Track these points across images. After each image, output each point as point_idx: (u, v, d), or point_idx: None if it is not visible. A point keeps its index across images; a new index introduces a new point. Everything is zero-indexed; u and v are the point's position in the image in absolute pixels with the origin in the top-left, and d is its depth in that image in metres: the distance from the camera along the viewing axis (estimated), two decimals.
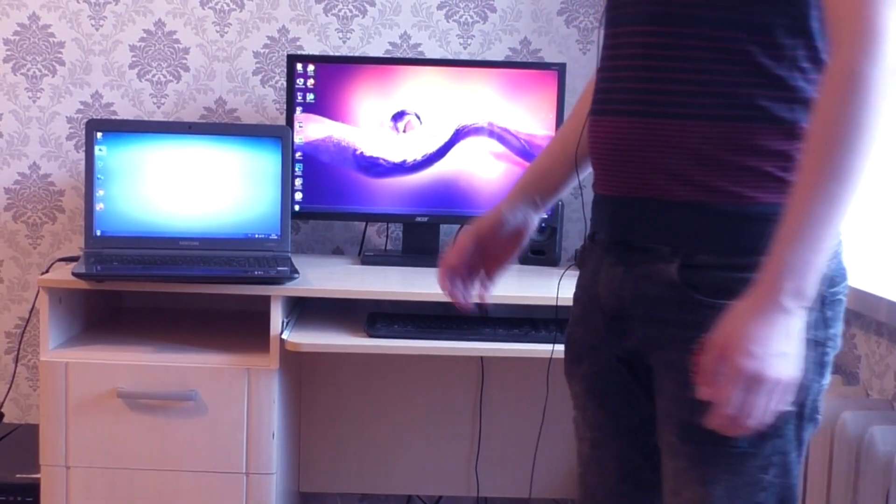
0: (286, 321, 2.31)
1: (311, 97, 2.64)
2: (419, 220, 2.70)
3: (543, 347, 2.23)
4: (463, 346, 2.24)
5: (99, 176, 2.48)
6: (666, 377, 1.42)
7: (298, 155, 2.64)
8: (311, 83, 2.64)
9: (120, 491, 2.27)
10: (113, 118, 2.83)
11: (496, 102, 2.64)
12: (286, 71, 2.66)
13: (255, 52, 2.85)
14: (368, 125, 2.65)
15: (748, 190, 1.35)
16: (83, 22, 2.82)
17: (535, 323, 2.31)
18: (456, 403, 2.84)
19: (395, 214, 2.71)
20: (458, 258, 1.72)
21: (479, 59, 2.85)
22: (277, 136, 2.54)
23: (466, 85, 2.65)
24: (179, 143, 2.51)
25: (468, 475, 2.86)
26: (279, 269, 2.31)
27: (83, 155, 2.66)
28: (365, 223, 2.88)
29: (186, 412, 2.25)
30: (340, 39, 2.85)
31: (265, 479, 2.28)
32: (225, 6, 2.83)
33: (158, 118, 2.85)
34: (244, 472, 2.27)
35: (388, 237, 2.91)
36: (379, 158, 2.66)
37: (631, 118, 1.41)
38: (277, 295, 2.24)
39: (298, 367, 2.72)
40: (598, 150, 1.49)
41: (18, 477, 2.43)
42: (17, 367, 2.87)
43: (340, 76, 2.64)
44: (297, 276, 2.27)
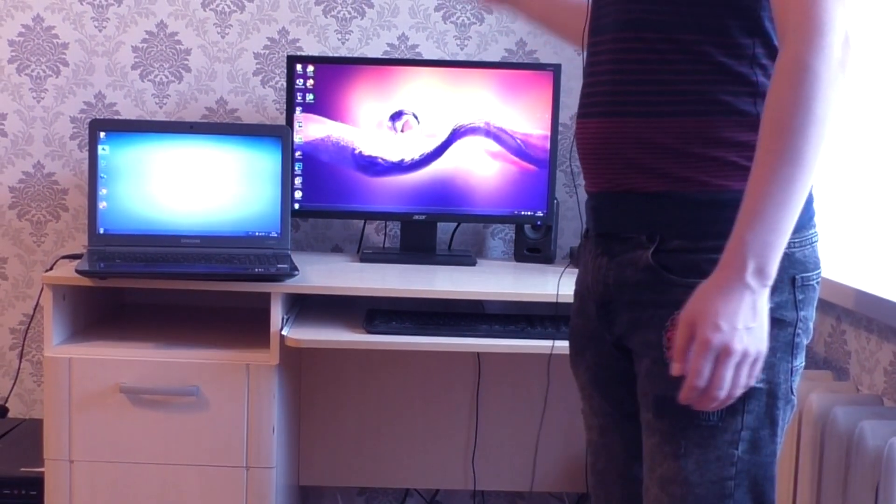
0: (286, 318, 2.31)
1: (310, 97, 2.64)
2: (417, 218, 2.69)
3: (539, 343, 2.23)
4: (460, 342, 2.24)
5: (102, 175, 2.48)
6: (644, 356, 1.48)
7: (298, 154, 2.64)
8: (310, 84, 2.64)
9: (122, 485, 2.26)
10: (116, 118, 2.83)
11: (492, 102, 2.64)
12: (286, 71, 2.66)
13: (255, 53, 2.84)
14: (367, 125, 2.65)
15: (716, 178, 1.42)
16: (86, 23, 2.81)
17: (531, 319, 2.31)
18: (453, 398, 2.84)
19: (393, 213, 2.71)
20: None
21: (475, 60, 2.84)
22: (277, 135, 2.54)
23: (463, 85, 2.64)
24: (181, 142, 2.51)
25: (465, 469, 2.86)
26: (279, 266, 2.30)
27: (87, 154, 2.65)
28: (363, 221, 2.88)
29: (188, 407, 2.25)
30: (339, 41, 2.85)
31: (265, 472, 2.27)
32: (226, 8, 2.83)
33: (160, 118, 2.84)
34: (245, 466, 2.26)
35: (386, 235, 2.91)
36: (377, 158, 2.66)
37: (607, 119, 1.49)
38: (277, 292, 2.23)
39: (298, 362, 2.71)
40: (582, 150, 1.57)
41: (22, 471, 2.42)
42: (21, 362, 2.86)
43: (339, 77, 2.64)
44: (296, 273, 2.26)
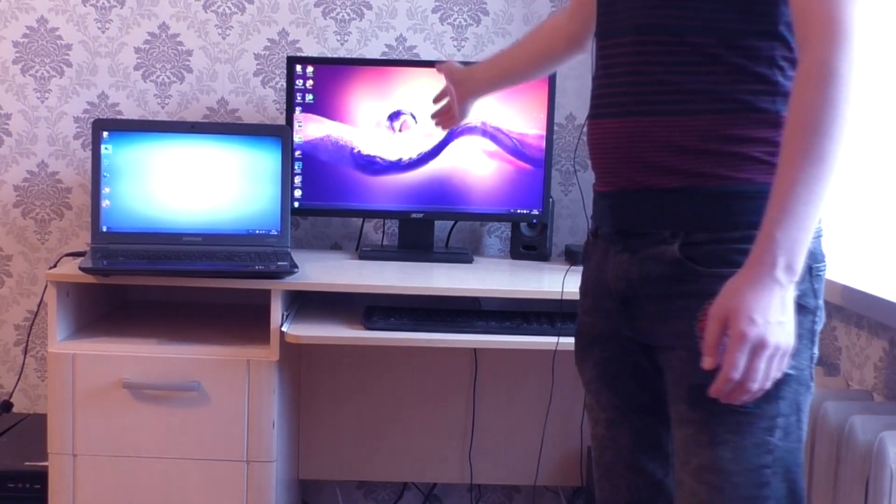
0: (286, 314, 2.30)
1: (310, 98, 2.63)
2: (414, 216, 2.69)
3: (535, 339, 2.23)
4: (457, 338, 2.24)
5: (105, 174, 2.47)
6: (676, 348, 1.47)
7: (298, 153, 2.63)
8: (310, 84, 2.63)
9: (125, 478, 2.26)
10: (119, 118, 2.82)
11: (489, 103, 2.63)
12: (286, 72, 2.65)
13: (255, 54, 2.84)
14: (365, 125, 2.64)
15: (738, 172, 1.43)
16: (90, 25, 2.81)
17: (527, 316, 2.31)
18: (450, 394, 2.83)
19: (391, 211, 2.70)
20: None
21: (472, 60, 2.83)
22: (277, 135, 2.53)
23: None
24: (183, 142, 2.50)
25: (462, 463, 2.85)
26: (279, 263, 2.30)
27: (90, 153, 2.65)
28: (362, 219, 2.87)
29: (189, 402, 2.24)
30: (338, 42, 2.84)
31: (265, 466, 2.27)
32: (227, 10, 2.82)
33: (162, 118, 2.84)
34: (245, 459, 2.26)
35: (384, 233, 2.91)
36: (376, 157, 2.65)
37: (624, 119, 1.50)
38: (277, 289, 2.23)
39: (298, 358, 2.71)
40: (596, 150, 1.58)
41: (27, 465, 2.42)
42: (25, 358, 2.86)
43: (338, 77, 2.63)
44: (296, 270, 2.26)
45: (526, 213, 2.68)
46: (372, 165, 2.66)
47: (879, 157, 2.14)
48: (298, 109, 2.63)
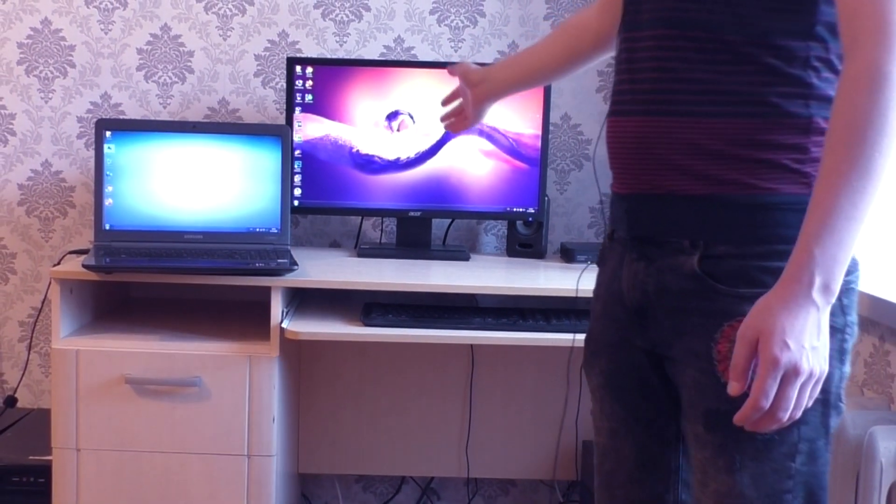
0: (286, 311, 2.30)
1: (309, 98, 2.63)
2: (412, 214, 2.69)
3: (531, 336, 2.23)
4: (454, 334, 2.23)
5: (108, 173, 2.47)
6: (689, 366, 1.38)
7: (297, 153, 2.63)
8: (309, 84, 2.63)
9: (128, 472, 2.26)
10: (121, 118, 2.82)
11: None
12: (286, 73, 2.65)
13: (256, 55, 2.83)
14: (364, 124, 2.64)
15: (765, 181, 1.33)
16: (93, 26, 2.80)
17: (522, 312, 2.31)
18: (447, 389, 2.83)
19: (389, 209, 2.70)
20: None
21: (469, 61, 2.83)
22: (277, 134, 2.53)
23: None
24: (184, 141, 2.50)
25: (459, 457, 2.85)
26: (279, 261, 2.30)
27: (93, 153, 2.64)
28: (361, 217, 2.87)
29: (191, 397, 2.24)
30: (337, 43, 2.84)
31: (266, 460, 2.27)
32: (227, 11, 2.82)
33: (164, 118, 2.83)
34: (246, 454, 2.26)
35: (382, 231, 2.90)
36: (374, 156, 2.65)
37: (646, 118, 1.40)
38: (277, 286, 2.23)
39: (297, 354, 2.71)
40: (615, 149, 1.47)
41: (31, 459, 2.42)
42: (30, 354, 2.85)
43: (337, 78, 2.63)
44: (296, 268, 2.26)
45: (522, 211, 2.68)
46: (370, 164, 2.65)
47: None
48: (298, 109, 2.63)
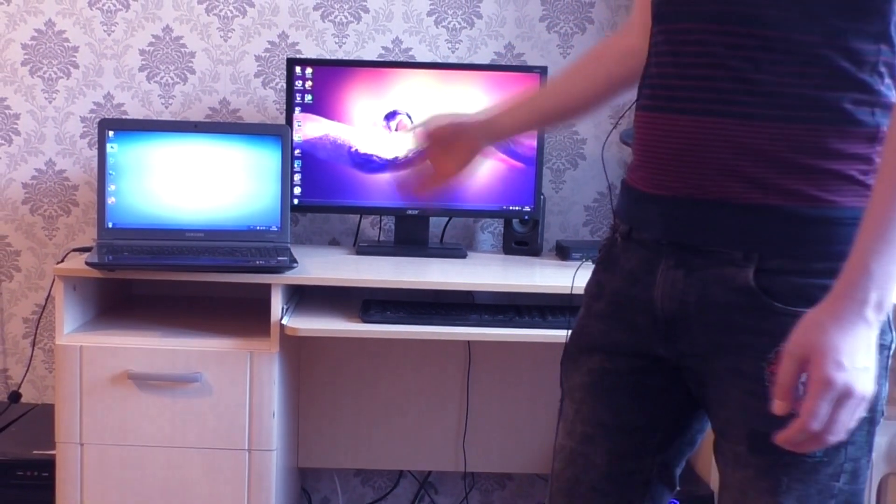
0: (286, 307, 2.30)
1: (309, 98, 2.63)
2: (410, 213, 2.68)
3: (527, 332, 2.23)
4: (451, 330, 2.23)
5: (111, 172, 2.46)
6: (733, 386, 1.29)
7: (297, 152, 2.63)
8: (308, 85, 2.63)
9: (130, 466, 2.25)
10: (124, 118, 2.81)
11: (482, 103, 2.62)
12: (286, 73, 2.64)
13: (256, 55, 2.83)
14: (363, 124, 2.64)
15: (828, 193, 1.24)
16: (96, 28, 2.80)
17: (518, 309, 2.30)
18: (444, 384, 2.83)
19: (387, 208, 2.70)
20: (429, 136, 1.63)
21: (466, 62, 2.83)
22: (277, 134, 2.52)
23: (454, 86, 2.63)
24: (186, 141, 2.49)
25: (456, 451, 2.85)
26: (279, 258, 2.29)
27: (96, 152, 2.64)
28: (359, 216, 2.87)
29: (192, 393, 2.24)
30: (336, 44, 2.84)
31: (266, 455, 2.27)
32: (228, 13, 2.81)
33: (166, 118, 2.83)
34: (247, 448, 2.26)
35: (381, 229, 2.90)
36: (372, 155, 2.65)
37: (700, 117, 1.28)
38: (277, 283, 2.23)
39: (297, 350, 2.70)
40: (655, 148, 1.34)
41: (35, 453, 2.42)
42: (34, 350, 2.85)
43: (336, 78, 2.63)
44: (295, 265, 2.26)
45: (518, 209, 2.68)
46: (369, 163, 2.65)
47: None
48: (298, 109, 2.63)
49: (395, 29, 2.84)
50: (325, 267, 2.41)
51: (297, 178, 2.64)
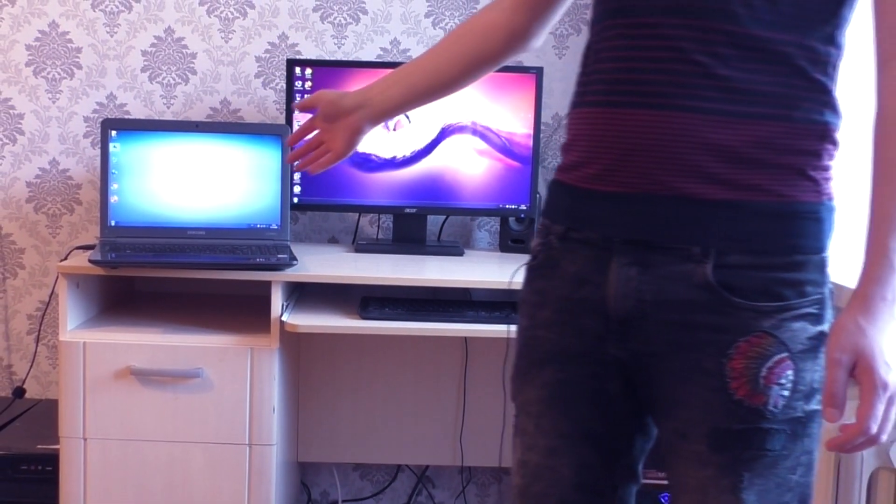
0: (285, 304, 2.30)
1: None
2: (408, 211, 2.68)
3: None
4: (448, 327, 2.23)
5: (113, 171, 2.46)
6: (693, 384, 1.26)
7: None
8: (308, 85, 2.62)
9: (132, 461, 2.25)
10: (126, 118, 2.81)
11: (479, 103, 2.63)
12: (286, 74, 2.64)
13: (257, 56, 2.83)
14: None
15: (786, 188, 1.23)
16: (99, 29, 2.79)
17: (514, 306, 2.30)
18: (442, 380, 2.83)
19: (386, 206, 2.69)
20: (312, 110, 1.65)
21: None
22: (277, 134, 2.52)
23: None
24: (187, 140, 2.49)
25: (453, 446, 2.85)
26: (279, 256, 2.29)
27: (99, 151, 2.64)
28: (358, 214, 2.87)
29: (194, 388, 2.24)
30: (336, 45, 2.83)
31: (266, 449, 2.26)
32: (229, 14, 2.81)
33: (168, 118, 2.83)
34: (247, 443, 2.25)
35: (379, 227, 2.90)
36: (371, 155, 2.65)
37: (664, 111, 1.23)
38: (277, 280, 2.22)
39: (297, 346, 2.70)
40: (609, 143, 1.28)
41: (39, 448, 2.41)
42: (38, 346, 2.85)
43: (336, 79, 2.62)
44: (295, 263, 2.25)
45: (514, 208, 2.67)
46: (367, 163, 2.65)
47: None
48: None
49: (393, 30, 2.84)
50: (324, 264, 2.40)
51: (296, 177, 2.63)
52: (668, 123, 1.22)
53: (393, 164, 2.65)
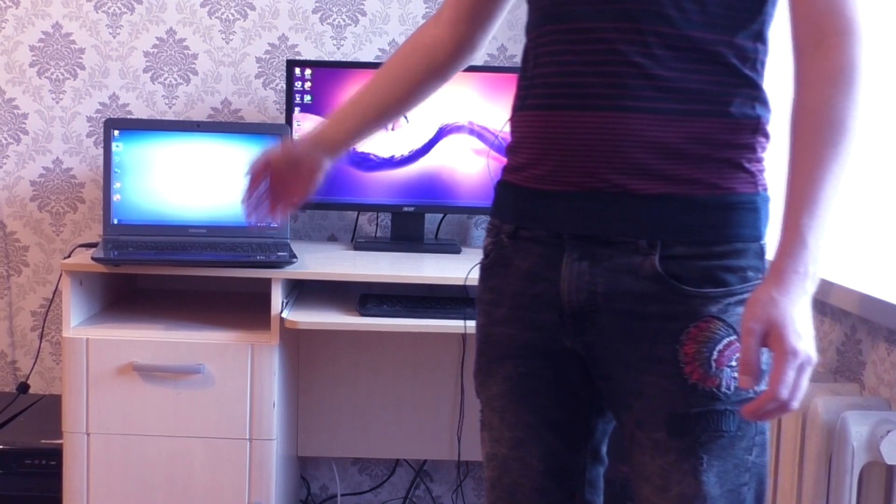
0: (285, 301, 2.29)
1: (308, 98, 2.62)
2: (406, 209, 2.68)
3: None
4: (446, 323, 2.23)
5: (116, 170, 2.46)
6: (648, 373, 1.29)
7: None
8: (308, 86, 2.62)
9: (135, 455, 2.25)
10: (129, 118, 2.80)
11: (476, 103, 2.62)
12: (285, 75, 2.63)
13: (257, 57, 2.82)
14: None
15: (725, 181, 1.26)
16: (101, 30, 2.79)
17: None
18: (439, 376, 2.82)
19: (384, 205, 2.69)
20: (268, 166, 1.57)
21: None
22: (277, 133, 2.52)
23: (448, 87, 2.59)
24: (189, 140, 2.49)
25: (451, 441, 2.85)
26: (279, 254, 2.29)
27: (102, 151, 2.63)
28: (357, 212, 2.86)
29: (195, 384, 2.23)
30: (335, 46, 2.83)
31: (267, 444, 2.26)
32: (230, 16, 2.80)
33: (170, 118, 2.82)
34: (248, 438, 2.25)
35: (377, 225, 2.89)
36: (370, 154, 2.64)
37: (608, 112, 1.25)
38: (277, 278, 2.22)
39: (297, 343, 2.70)
40: (556, 144, 1.30)
41: (43, 443, 2.41)
42: (41, 342, 2.84)
43: (335, 79, 2.62)
44: (295, 260, 2.25)
45: None
46: (366, 162, 2.64)
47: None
48: (297, 109, 2.62)
49: (391, 31, 2.83)
50: (323, 262, 2.40)
51: None
52: (609, 124, 1.25)
53: (391, 163, 2.65)
